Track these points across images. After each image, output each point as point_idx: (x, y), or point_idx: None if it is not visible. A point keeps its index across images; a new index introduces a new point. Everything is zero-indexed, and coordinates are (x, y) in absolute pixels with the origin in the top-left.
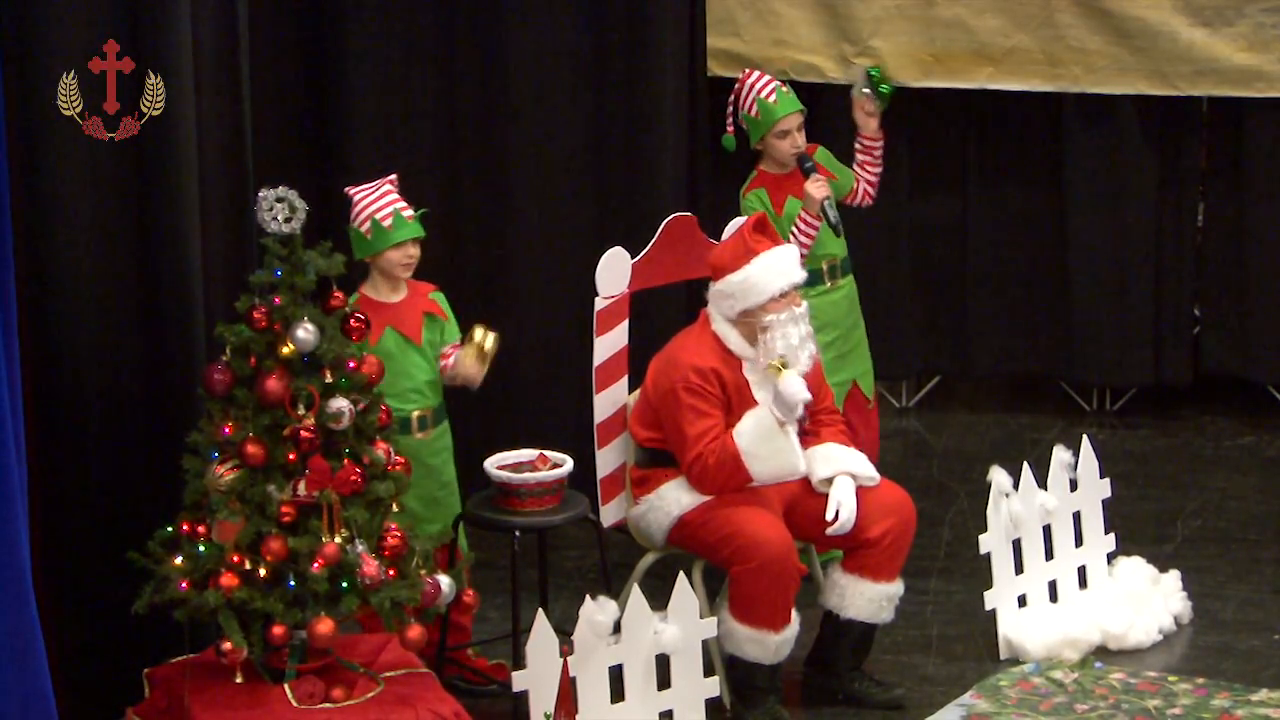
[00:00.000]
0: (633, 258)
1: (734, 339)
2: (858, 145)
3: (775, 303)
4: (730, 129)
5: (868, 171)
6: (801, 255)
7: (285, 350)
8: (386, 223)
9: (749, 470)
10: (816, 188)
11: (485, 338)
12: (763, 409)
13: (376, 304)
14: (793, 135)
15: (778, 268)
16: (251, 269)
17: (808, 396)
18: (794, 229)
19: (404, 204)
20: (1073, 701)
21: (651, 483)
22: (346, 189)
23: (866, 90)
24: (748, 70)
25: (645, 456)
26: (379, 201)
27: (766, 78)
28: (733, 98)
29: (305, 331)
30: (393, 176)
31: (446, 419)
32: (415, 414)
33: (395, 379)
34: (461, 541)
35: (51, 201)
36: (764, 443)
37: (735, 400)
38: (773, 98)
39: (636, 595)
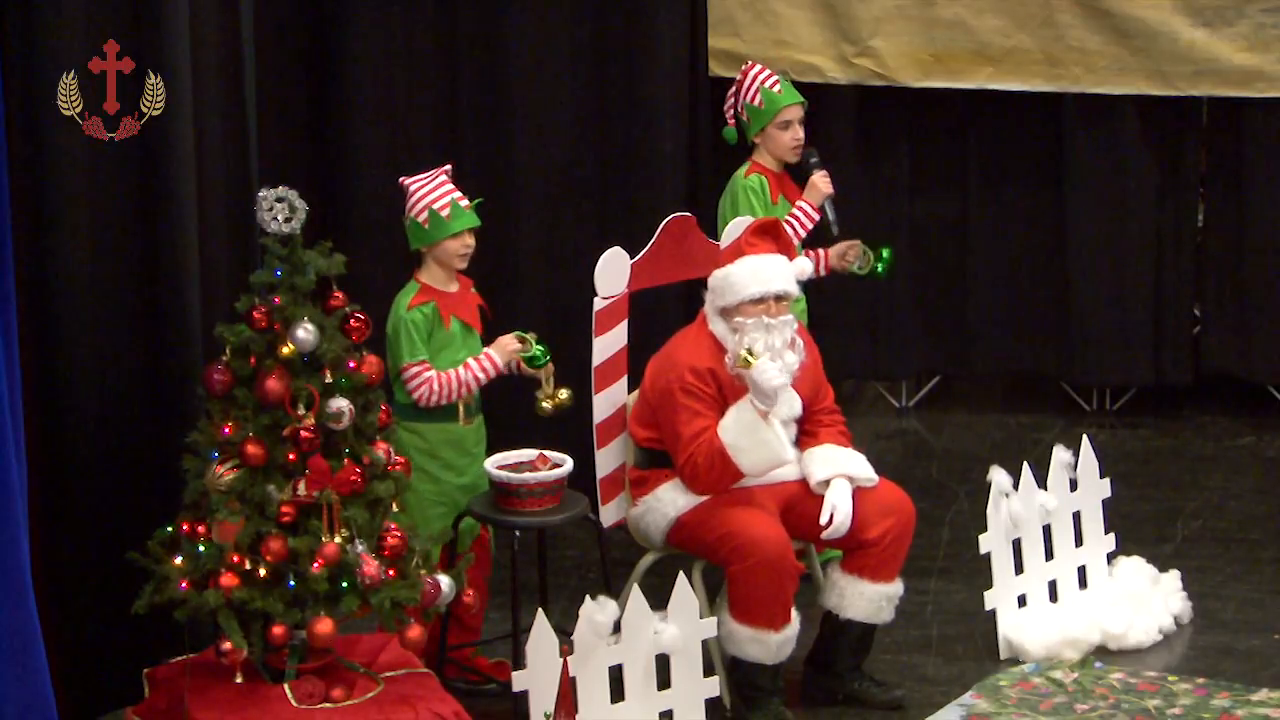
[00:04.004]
0: (633, 258)
1: (731, 338)
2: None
3: (748, 306)
4: (731, 121)
5: (793, 223)
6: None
7: (285, 350)
8: (445, 212)
9: (736, 464)
10: (824, 181)
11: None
12: (744, 402)
13: (440, 291)
14: (794, 127)
15: (759, 273)
16: (252, 269)
17: (783, 380)
18: (792, 218)
19: (460, 194)
20: (1073, 701)
21: (650, 483)
22: (401, 179)
23: (859, 266)
24: (750, 63)
25: (644, 457)
26: (436, 191)
27: (768, 70)
28: (733, 90)
29: (305, 331)
30: (447, 166)
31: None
32: (463, 402)
33: (455, 363)
34: (476, 530)
35: (51, 201)
36: (747, 434)
37: (732, 400)
38: (777, 87)
39: (636, 595)
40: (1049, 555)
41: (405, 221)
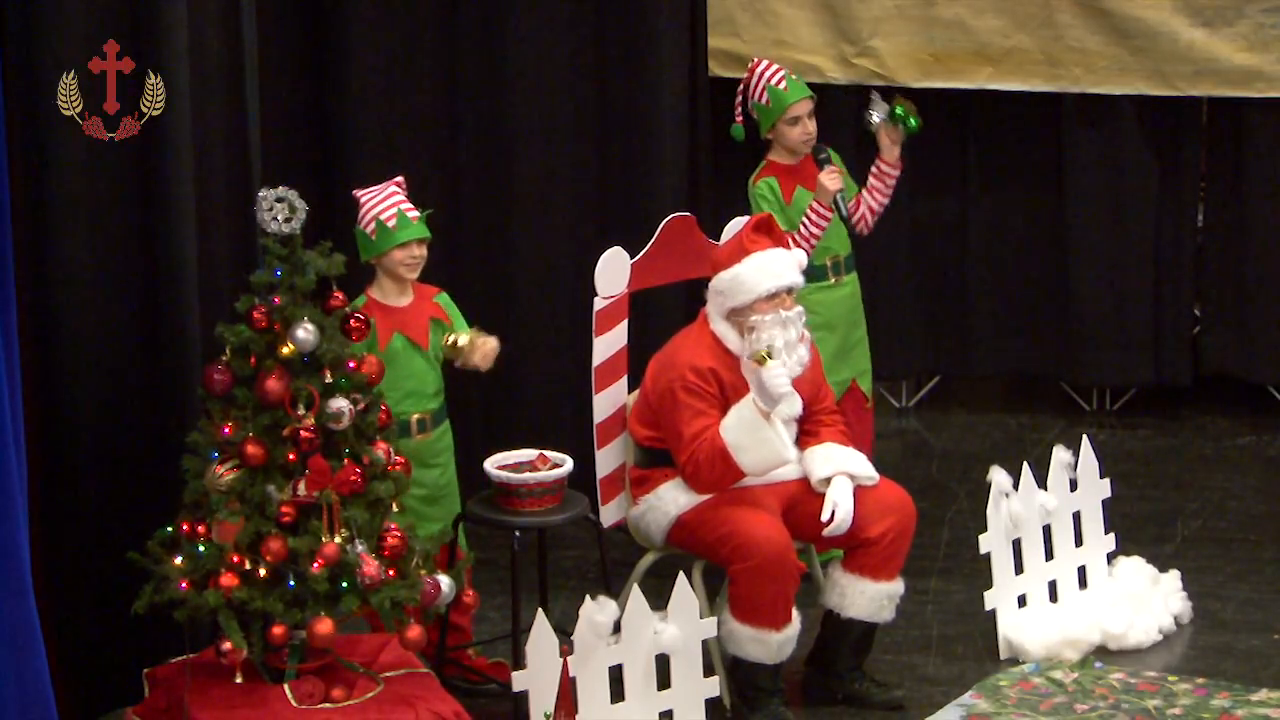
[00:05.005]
0: (633, 258)
1: (732, 338)
2: (874, 170)
3: (763, 303)
4: (739, 119)
5: (874, 198)
6: (810, 246)
7: (285, 350)
8: (391, 223)
9: (737, 463)
10: (831, 179)
11: (457, 339)
12: (746, 401)
13: (384, 307)
14: (804, 122)
15: (769, 269)
16: (252, 269)
17: (789, 389)
18: (805, 219)
19: (409, 205)
20: (1073, 701)
21: (650, 483)
22: (354, 191)
23: (878, 119)
24: (757, 59)
25: (644, 456)
26: (384, 202)
27: (775, 66)
28: (741, 87)
29: (305, 331)
30: (399, 178)
31: (447, 419)
32: (415, 417)
33: (398, 381)
34: (461, 541)
35: (51, 201)
36: (749, 434)
37: (734, 399)
38: (783, 84)
39: (636, 595)
40: (1049, 555)
41: (356, 234)
